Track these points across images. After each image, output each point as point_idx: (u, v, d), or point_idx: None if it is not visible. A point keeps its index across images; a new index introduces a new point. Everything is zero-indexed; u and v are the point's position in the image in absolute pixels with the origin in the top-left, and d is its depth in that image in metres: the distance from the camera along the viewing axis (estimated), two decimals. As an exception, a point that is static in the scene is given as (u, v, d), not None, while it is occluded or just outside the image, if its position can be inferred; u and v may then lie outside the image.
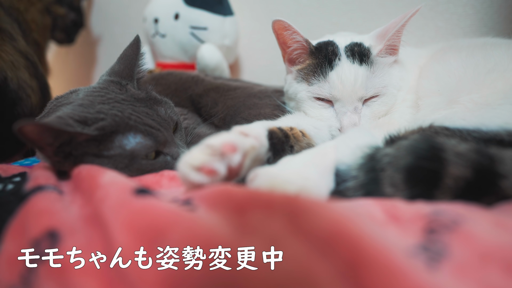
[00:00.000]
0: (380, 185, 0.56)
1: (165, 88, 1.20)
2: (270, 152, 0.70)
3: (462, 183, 0.53)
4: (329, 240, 0.40)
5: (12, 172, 0.86)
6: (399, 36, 0.90)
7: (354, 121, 0.89)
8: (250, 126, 0.69)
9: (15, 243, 0.52)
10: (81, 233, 0.51)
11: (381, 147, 0.62)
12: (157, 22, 1.64)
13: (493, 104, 0.71)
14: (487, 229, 0.44)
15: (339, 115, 0.91)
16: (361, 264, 0.37)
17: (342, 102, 0.91)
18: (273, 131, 0.75)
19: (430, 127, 0.71)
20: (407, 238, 0.44)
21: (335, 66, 0.90)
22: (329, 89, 0.91)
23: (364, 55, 0.90)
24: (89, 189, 0.60)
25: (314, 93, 0.93)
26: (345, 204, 0.52)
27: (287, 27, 0.93)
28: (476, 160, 0.53)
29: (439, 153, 0.55)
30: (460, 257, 0.40)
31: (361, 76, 0.89)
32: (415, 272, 0.36)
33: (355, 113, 0.91)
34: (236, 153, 0.59)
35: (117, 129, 0.77)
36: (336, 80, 0.89)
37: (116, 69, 0.89)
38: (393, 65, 0.94)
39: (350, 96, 0.89)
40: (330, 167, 0.60)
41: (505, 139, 0.63)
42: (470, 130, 0.66)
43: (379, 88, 0.90)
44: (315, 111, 0.94)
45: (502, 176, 0.52)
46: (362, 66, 0.89)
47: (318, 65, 0.92)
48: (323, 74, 0.91)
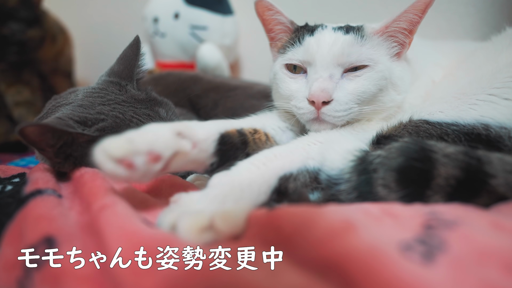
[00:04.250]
0: (373, 186, 0.56)
1: (164, 88, 1.19)
2: (216, 157, 0.66)
3: (453, 181, 0.54)
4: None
5: (11, 173, 0.86)
6: (404, 27, 0.78)
7: (325, 86, 0.73)
8: (198, 127, 0.65)
9: (12, 248, 0.52)
10: (78, 241, 0.51)
11: (369, 151, 0.61)
12: (157, 22, 1.63)
13: (468, 94, 0.70)
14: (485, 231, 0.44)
15: (310, 82, 0.76)
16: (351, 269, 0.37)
17: (315, 67, 0.76)
18: (228, 135, 0.70)
19: (410, 121, 0.70)
20: (404, 231, 0.44)
21: (315, 33, 0.79)
22: (302, 53, 0.78)
23: (353, 29, 0.79)
24: (88, 200, 0.60)
25: (286, 59, 0.81)
26: (336, 207, 0.52)
27: (270, 7, 0.84)
28: (465, 161, 0.54)
29: (429, 154, 0.55)
30: (457, 253, 0.39)
31: (342, 40, 0.76)
32: (408, 269, 0.36)
33: (330, 80, 0.74)
34: (158, 163, 0.57)
35: (118, 131, 0.76)
36: (312, 42, 0.77)
37: (116, 70, 0.88)
38: (395, 59, 0.82)
39: (325, 58, 0.75)
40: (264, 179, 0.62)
41: (482, 133, 0.63)
42: (449, 123, 0.66)
43: (364, 58, 0.76)
44: (284, 85, 0.81)
45: (491, 175, 0.53)
46: (349, 34, 0.77)
47: (297, 36, 0.82)
48: (299, 40, 0.80)
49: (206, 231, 0.49)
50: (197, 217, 0.50)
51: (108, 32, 2.25)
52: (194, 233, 0.48)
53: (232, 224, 0.50)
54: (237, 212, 0.51)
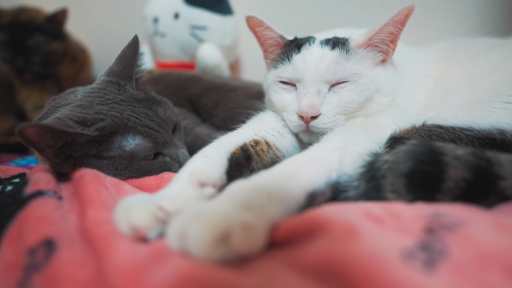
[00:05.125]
0: (382, 192, 0.55)
1: (163, 88, 1.19)
2: (226, 182, 0.65)
3: (463, 184, 0.53)
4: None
5: (11, 173, 0.86)
6: (387, 37, 0.82)
7: (312, 103, 0.78)
8: (209, 166, 0.63)
9: (12, 249, 0.52)
10: (77, 244, 0.51)
11: (380, 154, 0.61)
12: (156, 22, 1.63)
13: (484, 102, 0.70)
14: (487, 232, 0.44)
15: (299, 97, 0.82)
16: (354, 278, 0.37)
17: (304, 84, 0.82)
18: (235, 156, 0.71)
19: (423, 125, 0.71)
20: (405, 237, 0.44)
21: (302, 50, 0.84)
22: (291, 71, 0.83)
23: (339, 43, 0.83)
24: (85, 205, 0.59)
25: (277, 76, 0.87)
26: (337, 207, 0.51)
27: (260, 23, 0.89)
28: (475, 163, 0.53)
29: (439, 156, 0.55)
30: (459, 258, 0.39)
31: (328, 58, 0.80)
32: (410, 278, 0.36)
33: (317, 96, 0.80)
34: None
35: (117, 130, 0.76)
36: (299, 60, 0.82)
37: (115, 70, 0.88)
38: (379, 65, 0.85)
39: (312, 76, 0.80)
40: (295, 194, 0.55)
41: (497, 138, 0.63)
42: (463, 128, 0.66)
43: (349, 74, 0.80)
44: (277, 96, 0.87)
45: (501, 177, 0.52)
46: (334, 51, 0.81)
47: (286, 51, 0.87)
48: (288, 58, 0.85)
49: (222, 243, 0.42)
50: (210, 220, 0.43)
51: (108, 32, 2.25)
52: (208, 245, 0.42)
53: (251, 240, 0.43)
54: (260, 223, 0.44)
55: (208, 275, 0.40)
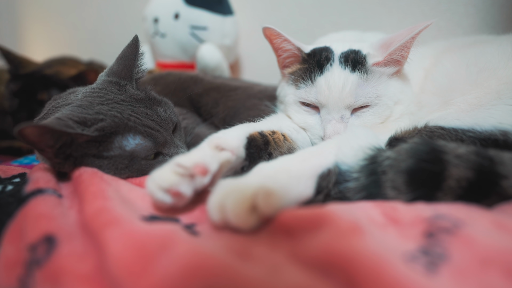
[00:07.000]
0: (381, 188, 0.55)
1: (164, 88, 1.19)
2: (246, 161, 0.69)
3: (464, 183, 0.53)
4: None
5: (11, 173, 0.86)
6: (405, 50, 0.83)
7: (338, 130, 0.82)
8: (228, 136, 0.68)
9: (13, 246, 0.52)
10: (77, 239, 0.51)
11: (383, 149, 0.61)
12: (157, 22, 1.64)
13: (486, 105, 0.71)
14: (487, 232, 0.44)
15: (324, 123, 0.85)
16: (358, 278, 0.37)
17: (328, 109, 0.84)
18: (253, 138, 0.73)
19: (425, 127, 0.72)
20: (406, 242, 0.44)
21: (325, 71, 0.84)
22: (315, 94, 0.85)
23: (358, 63, 0.84)
24: (84, 198, 0.60)
25: (300, 97, 0.88)
26: (343, 207, 0.51)
27: (277, 35, 0.89)
28: (477, 162, 0.53)
29: (441, 155, 0.54)
30: (460, 261, 0.40)
31: (350, 83, 0.82)
32: (412, 279, 0.36)
33: (341, 122, 0.83)
34: (207, 176, 0.59)
35: (117, 130, 0.76)
36: (323, 85, 0.83)
37: (115, 70, 0.88)
38: (394, 76, 0.87)
39: (336, 103, 0.83)
40: (308, 174, 0.59)
41: (499, 139, 0.63)
42: (465, 129, 0.67)
43: (370, 98, 0.83)
44: (300, 116, 0.89)
45: (503, 176, 0.52)
46: (354, 73, 0.83)
47: (308, 70, 0.87)
48: (311, 78, 0.85)
49: (253, 211, 0.48)
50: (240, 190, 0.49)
51: (108, 32, 2.25)
52: (243, 215, 0.47)
53: (272, 203, 0.49)
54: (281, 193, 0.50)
55: (213, 266, 0.41)
